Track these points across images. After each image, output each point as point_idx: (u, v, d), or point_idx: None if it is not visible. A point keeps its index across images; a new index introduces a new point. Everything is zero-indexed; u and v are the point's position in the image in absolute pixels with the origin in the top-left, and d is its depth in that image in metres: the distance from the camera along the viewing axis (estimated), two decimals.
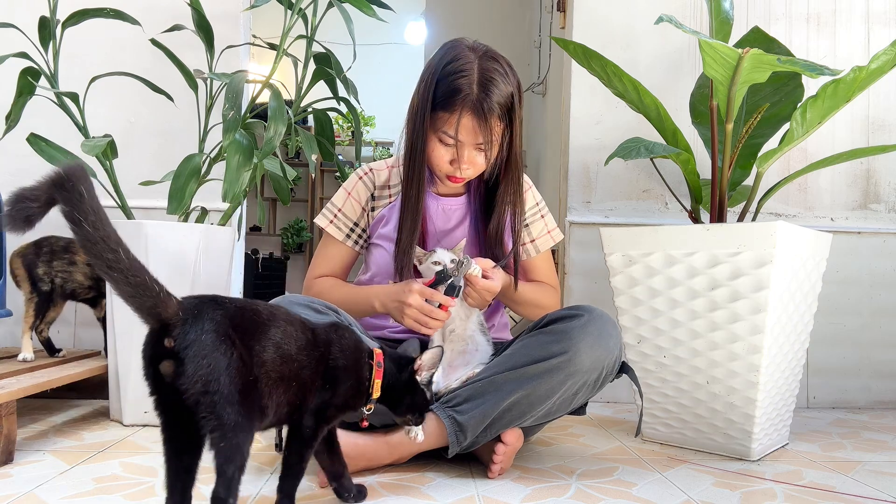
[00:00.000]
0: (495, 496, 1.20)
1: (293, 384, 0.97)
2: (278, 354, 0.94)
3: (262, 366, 0.91)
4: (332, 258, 1.53)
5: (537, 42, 3.61)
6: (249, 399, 0.88)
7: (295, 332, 0.98)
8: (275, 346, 0.94)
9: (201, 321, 0.85)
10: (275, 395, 0.93)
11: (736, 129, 1.72)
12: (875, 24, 2.25)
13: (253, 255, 5.69)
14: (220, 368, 0.84)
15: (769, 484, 1.32)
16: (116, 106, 2.10)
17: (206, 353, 0.84)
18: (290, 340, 0.97)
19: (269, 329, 0.94)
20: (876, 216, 2.26)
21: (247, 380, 0.88)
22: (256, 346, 0.91)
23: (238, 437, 0.85)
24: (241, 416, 0.85)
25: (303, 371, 0.98)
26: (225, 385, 0.84)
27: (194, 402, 0.83)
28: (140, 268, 0.81)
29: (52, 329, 2.06)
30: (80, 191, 0.76)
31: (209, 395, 0.83)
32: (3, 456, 1.33)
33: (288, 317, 1.00)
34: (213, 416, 0.84)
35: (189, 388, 0.83)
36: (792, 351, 1.58)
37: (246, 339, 0.89)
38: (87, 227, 0.76)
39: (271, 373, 0.92)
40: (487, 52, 1.34)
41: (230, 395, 0.84)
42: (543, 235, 1.58)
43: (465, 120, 1.31)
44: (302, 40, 1.85)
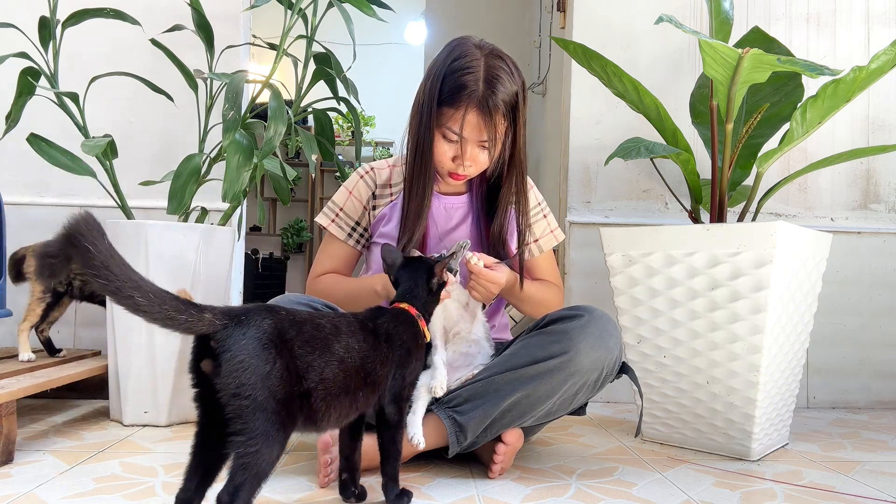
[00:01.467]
0: (495, 496, 1.20)
1: (360, 393, 0.99)
2: (342, 369, 0.95)
3: (321, 381, 0.92)
4: (335, 257, 1.53)
5: (537, 42, 3.61)
6: (289, 411, 0.88)
7: (357, 342, 1.00)
8: (338, 360, 0.95)
9: (245, 327, 0.86)
10: (337, 407, 0.95)
11: (736, 129, 1.72)
12: (875, 24, 2.25)
13: (253, 255, 5.69)
14: (258, 375, 0.85)
15: (769, 484, 1.32)
16: (116, 106, 2.10)
17: (243, 357, 0.85)
18: (354, 353, 0.98)
19: (333, 344, 0.96)
20: (876, 216, 2.26)
21: (291, 391, 0.88)
22: (317, 361, 0.92)
23: (260, 447, 0.85)
24: (270, 427, 0.85)
25: (369, 377, 1.01)
26: (260, 392, 0.85)
27: (226, 402, 0.85)
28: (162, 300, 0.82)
29: (52, 329, 2.06)
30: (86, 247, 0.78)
31: (240, 398, 0.84)
32: (3, 456, 1.33)
33: (349, 327, 1.01)
34: (240, 421, 0.85)
35: (223, 389, 0.84)
36: (792, 351, 1.58)
37: (303, 352, 0.91)
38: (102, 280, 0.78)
39: (332, 388, 0.94)
40: (494, 51, 1.35)
41: (264, 402, 0.85)
42: (546, 235, 1.58)
43: (470, 116, 1.31)
44: (302, 40, 1.85)
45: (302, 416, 0.91)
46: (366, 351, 1.01)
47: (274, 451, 0.87)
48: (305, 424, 0.93)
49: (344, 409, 0.97)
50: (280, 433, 0.87)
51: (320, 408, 0.92)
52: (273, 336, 0.88)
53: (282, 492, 1.19)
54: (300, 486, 1.23)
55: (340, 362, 0.95)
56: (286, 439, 0.89)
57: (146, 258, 1.64)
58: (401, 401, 1.08)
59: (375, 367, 1.02)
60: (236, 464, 0.85)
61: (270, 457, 0.86)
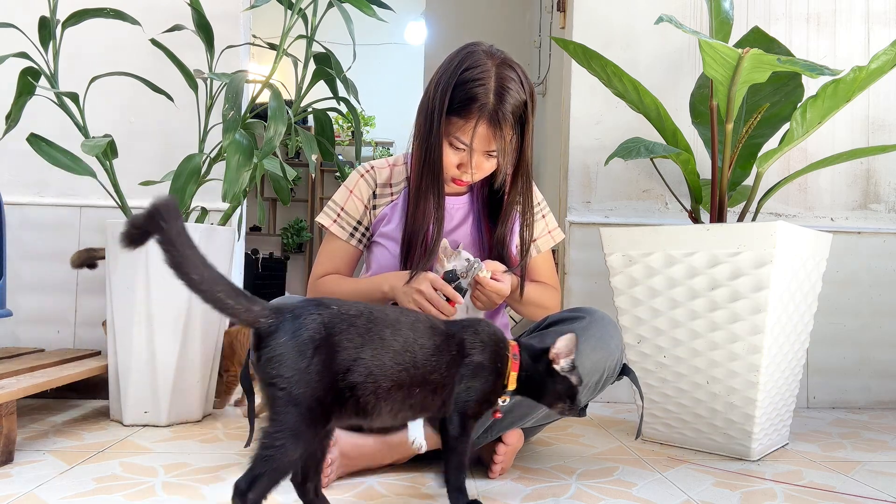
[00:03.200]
0: (496, 496, 1.20)
1: (414, 389, 0.99)
2: (394, 362, 0.96)
3: (369, 374, 0.93)
4: (336, 257, 1.53)
5: (537, 42, 3.61)
6: (324, 408, 0.90)
7: (420, 338, 1.01)
8: (393, 353, 0.96)
9: (292, 323, 0.90)
10: (388, 402, 0.96)
11: (736, 129, 1.72)
12: (875, 24, 2.25)
13: (253, 255, 5.69)
14: (295, 369, 0.88)
15: (769, 484, 1.32)
16: (116, 106, 2.10)
17: (281, 352, 0.88)
18: (414, 348, 0.99)
19: (387, 337, 0.97)
20: (876, 216, 2.26)
21: (329, 387, 0.90)
22: (366, 354, 0.94)
23: (286, 442, 0.87)
24: (300, 423, 0.88)
25: (431, 376, 1.00)
26: (296, 387, 0.88)
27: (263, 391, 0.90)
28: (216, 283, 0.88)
29: (52, 329, 2.07)
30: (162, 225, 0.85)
31: (275, 388, 0.88)
32: (3, 456, 1.33)
33: (415, 323, 1.02)
34: (272, 410, 0.88)
35: (262, 379, 0.89)
36: (792, 351, 1.58)
37: (350, 345, 0.93)
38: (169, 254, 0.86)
39: (383, 381, 0.95)
40: (505, 60, 1.34)
41: (298, 397, 0.88)
42: (544, 235, 1.58)
43: (481, 129, 1.31)
44: (302, 40, 1.85)
45: (349, 408, 0.93)
46: (430, 350, 1.01)
47: (298, 449, 0.88)
48: (356, 417, 0.95)
49: (396, 405, 0.98)
50: (309, 431, 0.89)
51: (369, 401, 0.94)
52: (315, 333, 0.91)
53: (282, 492, 1.19)
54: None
55: (395, 355, 0.96)
56: (314, 438, 0.91)
57: (146, 258, 1.64)
58: (466, 417, 1.06)
59: (439, 367, 1.02)
60: (259, 454, 0.87)
61: (294, 454, 0.88)
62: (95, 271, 2.07)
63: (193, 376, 1.71)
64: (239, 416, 1.84)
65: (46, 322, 2.07)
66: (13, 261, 2.05)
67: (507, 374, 1.09)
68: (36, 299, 2.07)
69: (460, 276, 1.30)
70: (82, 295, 2.08)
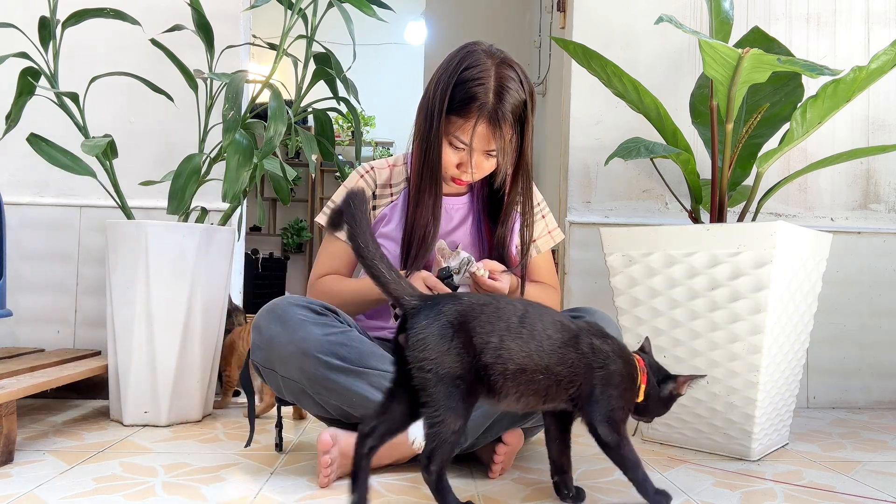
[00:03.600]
0: (496, 496, 1.20)
1: (538, 375, 1.06)
2: (520, 347, 1.04)
3: (497, 356, 1.02)
4: (336, 257, 1.53)
5: (537, 42, 3.61)
6: (469, 385, 1.01)
7: (547, 329, 1.08)
8: (520, 340, 1.05)
9: (433, 310, 1.02)
10: (512, 382, 1.04)
11: (736, 129, 1.72)
12: (875, 24, 2.25)
13: (253, 255, 5.69)
14: (437, 352, 0.99)
15: (769, 484, 1.32)
16: (116, 106, 2.10)
17: (424, 335, 1.00)
18: (541, 337, 1.06)
19: (514, 324, 1.05)
20: (876, 216, 2.26)
21: (469, 367, 1.01)
22: (494, 339, 1.03)
23: (443, 416, 0.98)
24: (451, 399, 0.99)
25: (556, 366, 1.07)
26: (440, 367, 0.99)
27: (414, 374, 1.00)
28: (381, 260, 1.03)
29: (52, 329, 2.07)
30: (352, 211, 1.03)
31: (423, 371, 0.99)
32: (3, 456, 1.33)
33: (541, 317, 1.09)
34: (425, 392, 0.99)
35: (410, 361, 1.00)
36: (792, 351, 1.58)
37: (482, 331, 1.03)
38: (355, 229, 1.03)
39: (508, 363, 1.03)
40: (504, 60, 1.35)
41: (444, 376, 0.99)
42: (544, 236, 1.58)
43: (480, 128, 1.32)
44: (302, 40, 1.85)
45: (484, 388, 1.03)
46: (557, 342, 1.07)
47: (457, 422, 1.00)
48: (488, 396, 1.05)
49: (521, 387, 1.05)
50: (461, 404, 1.00)
51: (498, 381, 1.03)
52: (454, 319, 1.01)
53: (282, 492, 1.19)
54: (300, 486, 1.23)
55: (522, 342, 1.04)
56: (468, 410, 1.02)
57: (146, 258, 1.64)
58: (615, 423, 1.11)
59: (564, 361, 1.07)
60: (428, 431, 1.00)
61: (455, 425, 0.99)
62: (95, 271, 2.07)
63: (193, 376, 1.71)
64: (239, 415, 1.84)
65: (46, 322, 2.07)
66: (13, 261, 2.05)
67: (638, 387, 1.15)
68: (36, 299, 2.07)
69: (453, 272, 1.31)
70: (82, 295, 2.08)
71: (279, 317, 1.26)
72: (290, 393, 1.29)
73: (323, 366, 1.23)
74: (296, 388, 1.27)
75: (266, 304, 1.30)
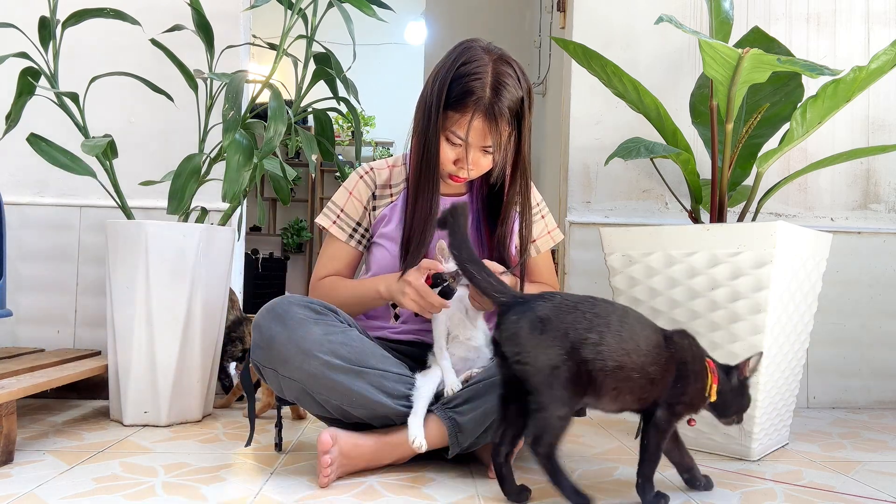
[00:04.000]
0: (496, 496, 1.20)
1: (634, 374, 1.10)
2: (619, 346, 1.09)
3: (597, 352, 1.07)
4: (337, 258, 1.53)
5: (537, 42, 3.61)
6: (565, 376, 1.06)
7: (644, 331, 1.13)
8: (619, 338, 1.09)
9: (523, 306, 1.09)
10: (611, 378, 1.08)
11: (736, 129, 1.72)
12: (875, 24, 2.25)
13: (253, 255, 5.69)
14: (530, 344, 1.06)
15: (769, 484, 1.32)
16: (116, 106, 2.10)
17: (516, 329, 1.08)
18: (638, 338, 1.11)
19: (613, 324, 1.10)
20: (876, 216, 2.26)
21: (563, 360, 1.06)
22: (592, 335, 1.07)
23: (546, 403, 1.05)
24: (550, 387, 1.05)
25: (650, 367, 1.11)
26: (535, 358, 1.06)
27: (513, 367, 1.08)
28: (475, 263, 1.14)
29: (52, 329, 2.07)
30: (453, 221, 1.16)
31: (521, 364, 1.07)
32: (3, 456, 1.33)
33: (639, 319, 1.15)
34: (527, 382, 1.06)
35: (507, 355, 1.09)
36: (792, 351, 1.58)
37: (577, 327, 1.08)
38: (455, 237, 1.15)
39: (608, 360, 1.07)
40: (502, 56, 1.35)
41: (542, 367, 1.05)
42: (543, 236, 1.58)
43: (476, 122, 1.32)
44: (302, 40, 1.85)
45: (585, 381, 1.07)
46: (652, 342, 1.12)
47: (561, 408, 1.06)
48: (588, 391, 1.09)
49: (619, 384, 1.09)
50: (563, 392, 1.05)
51: (597, 377, 1.08)
52: (544, 314, 1.07)
53: (282, 492, 1.19)
54: (300, 486, 1.23)
55: (621, 340, 1.09)
56: (573, 398, 1.07)
57: (146, 258, 1.64)
58: (673, 411, 1.15)
59: (658, 361, 1.12)
60: (532, 417, 1.07)
61: (559, 412, 1.06)
62: (95, 271, 2.07)
63: (193, 376, 1.71)
64: (239, 415, 1.84)
65: (46, 322, 2.07)
66: (13, 261, 2.05)
67: (710, 386, 1.17)
68: (36, 299, 2.07)
69: (447, 278, 1.31)
70: (82, 295, 2.08)
71: (279, 316, 1.26)
72: (290, 392, 1.29)
73: (323, 365, 1.23)
74: (296, 388, 1.27)
75: (266, 303, 1.30)
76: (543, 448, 1.06)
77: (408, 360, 1.42)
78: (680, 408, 1.16)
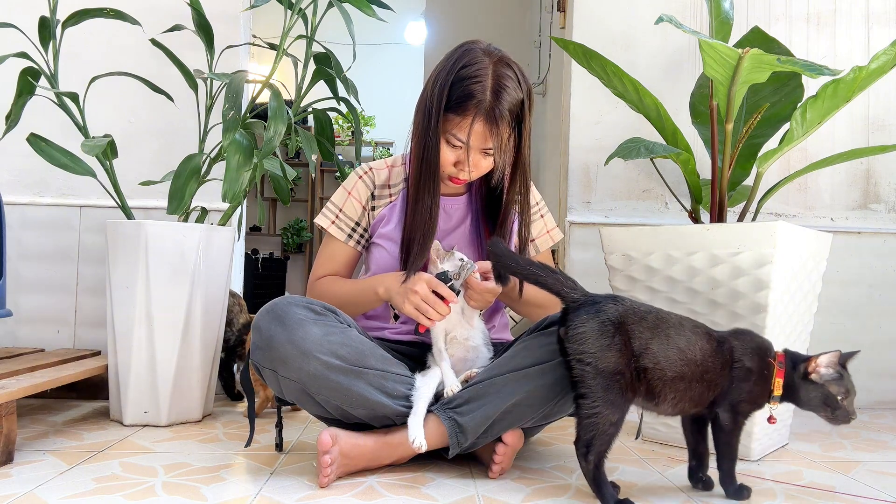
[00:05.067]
0: (496, 496, 1.20)
1: (694, 383, 1.12)
2: (679, 357, 1.11)
3: (656, 362, 1.10)
4: (335, 259, 1.53)
5: (537, 42, 3.61)
6: (627, 382, 1.08)
7: (699, 340, 1.14)
8: (677, 350, 1.11)
9: (594, 307, 1.10)
10: (670, 388, 1.11)
11: (736, 129, 1.72)
12: (875, 24, 2.25)
13: (253, 255, 5.69)
14: (596, 347, 1.07)
15: (769, 484, 1.32)
16: (116, 106, 2.10)
17: (584, 329, 1.08)
18: (695, 348, 1.13)
19: (673, 335, 1.12)
20: (876, 216, 2.26)
21: (627, 365, 1.08)
22: (654, 345, 1.10)
23: (601, 409, 1.06)
24: (608, 392, 1.06)
25: (706, 374, 1.13)
26: (599, 360, 1.07)
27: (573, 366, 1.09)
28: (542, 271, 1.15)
29: (52, 329, 2.07)
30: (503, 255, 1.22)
31: (583, 364, 1.08)
32: (3, 456, 1.33)
33: (695, 328, 1.16)
34: (583, 384, 1.08)
35: (570, 353, 1.10)
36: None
37: (643, 336, 1.10)
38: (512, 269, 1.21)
39: (667, 370, 1.10)
40: (502, 58, 1.35)
41: (604, 370, 1.06)
42: (543, 235, 1.58)
43: (477, 125, 1.31)
44: (302, 40, 1.85)
45: (643, 390, 1.10)
46: (708, 352, 1.14)
47: (615, 414, 1.07)
48: (646, 401, 1.12)
49: (679, 394, 1.12)
50: (619, 398, 1.07)
51: (657, 385, 1.10)
52: (614, 318, 1.09)
53: (282, 492, 1.19)
54: (300, 486, 1.23)
55: (679, 351, 1.11)
56: (626, 405, 1.08)
57: (146, 258, 1.64)
58: (737, 414, 1.17)
59: (714, 368, 1.13)
60: (583, 423, 1.07)
61: (612, 417, 1.07)
62: (95, 271, 2.07)
63: (193, 376, 1.71)
64: (239, 416, 1.84)
65: (46, 322, 2.07)
66: (13, 261, 2.05)
67: (774, 381, 1.17)
68: (36, 299, 2.07)
69: (452, 277, 1.31)
70: (82, 295, 2.08)
71: (279, 317, 1.26)
72: (290, 393, 1.29)
73: (322, 365, 1.23)
74: (296, 388, 1.27)
75: (266, 303, 1.30)
76: (594, 456, 1.08)
77: (407, 360, 1.42)
78: (743, 406, 1.17)
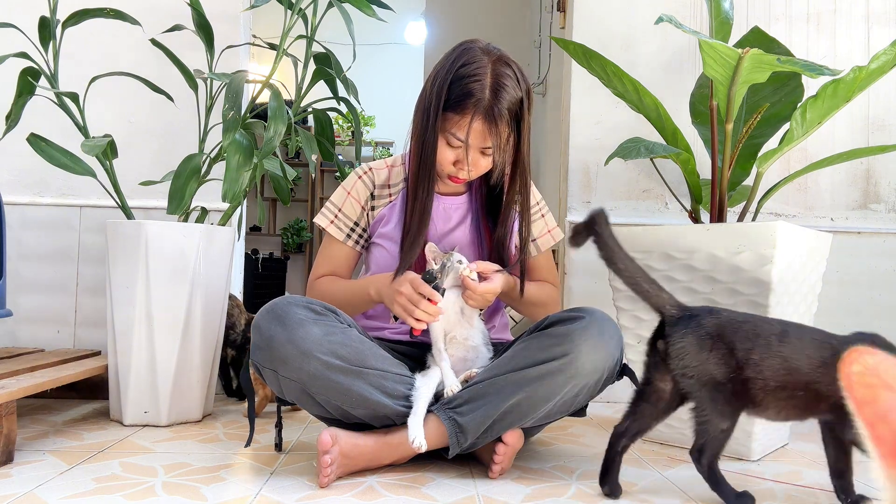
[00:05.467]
0: (496, 496, 1.20)
1: (800, 393, 1.11)
2: (783, 367, 1.11)
3: (759, 372, 1.10)
4: (334, 258, 1.53)
5: (537, 42, 3.61)
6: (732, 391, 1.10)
7: (805, 349, 1.12)
8: (781, 359, 1.11)
9: (691, 321, 1.13)
10: (773, 398, 1.11)
11: (736, 129, 1.72)
12: (875, 24, 2.25)
13: (253, 255, 5.69)
14: (698, 360, 1.10)
15: (769, 484, 1.32)
16: (116, 106, 2.10)
17: (684, 344, 1.11)
18: (801, 357, 1.11)
19: (774, 345, 1.12)
20: (876, 216, 2.26)
21: (729, 376, 1.10)
22: (755, 356, 1.11)
23: (710, 416, 1.10)
24: (715, 402, 1.09)
25: (814, 384, 1.10)
26: (701, 373, 1.10)
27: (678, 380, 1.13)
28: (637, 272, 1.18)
29: (52, 329, 2.07)
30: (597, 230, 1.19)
31: (686, 378, 1.11)
32: (3, 456, 1.33)
33: (801, 336, 1.14)
34: (691, 395, 1.11)
35: (673, 367, 1.13)
36: None
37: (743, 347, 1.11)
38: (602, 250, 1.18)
39: (769, 380, 1.10)
40: (501, 57, 1.35)
41: (707, 382, 1.10)
42: (544, 235, 1.58)
43: (476, 124, 1.31)
44: (302, 40, 1.85)
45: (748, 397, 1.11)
46: (816, 361, 1.11)
47: (724, 422, 1.10)
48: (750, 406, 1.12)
49: (781, 402, 1.11)
50: (726, 407, 1.09)
51: (758, 395, 1.10)
52: (712, 331, 1.11)
53: (282, 492, 1.20)
54: (300, 486, 1.23)
55: (782, 361, 1.10)
56: (735, 412, 1.11)
57: (146, 258, 1.64)
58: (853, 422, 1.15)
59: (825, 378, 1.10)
60: (697, 429, 1.11)
61: (722, 425, 1.10)
62: (95, 271, 2.07)
63: (193, 376, 1.71)
64: (239, 416, 1.84)
65: (46, 322, 2.07)
66: (13, 261, 2.05)
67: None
68: (36, 299, 2.07)
69: (436, 275, 1.31)
70: (82, 295, 2.08)
71: (279, 317, 1.26)
72: (290, 393, 1.29)
73: (322, 365, 1.23)
74: (296, 388, 1.27)
75: (266, 303, 1.30)
76: (706, 460, 1.11)
77: (407, 360, 1.42)
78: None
